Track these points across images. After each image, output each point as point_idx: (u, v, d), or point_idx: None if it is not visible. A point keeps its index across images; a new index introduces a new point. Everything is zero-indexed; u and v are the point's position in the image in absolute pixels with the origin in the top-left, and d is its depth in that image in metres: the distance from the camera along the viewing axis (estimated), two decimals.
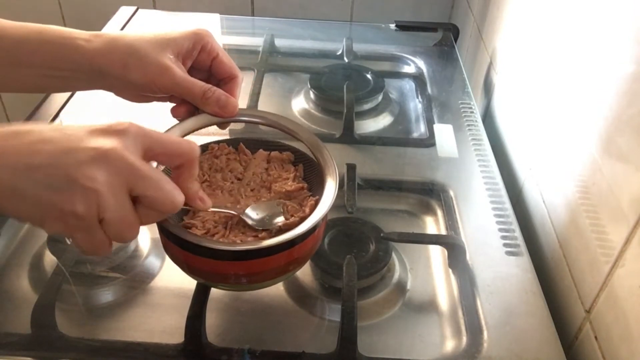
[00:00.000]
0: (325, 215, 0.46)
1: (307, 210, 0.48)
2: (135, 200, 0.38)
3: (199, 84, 0.49)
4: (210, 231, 0.47)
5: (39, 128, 0.37)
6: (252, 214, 0.48)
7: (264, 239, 0.46)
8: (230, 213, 0.48)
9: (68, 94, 0.81)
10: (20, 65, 0.48)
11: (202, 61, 0.51)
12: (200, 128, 0.51)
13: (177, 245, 0.45)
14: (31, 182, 0.35)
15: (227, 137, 0.57)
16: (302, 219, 0.46)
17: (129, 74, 0.48)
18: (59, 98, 0.80)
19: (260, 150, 0.55)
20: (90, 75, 0.49)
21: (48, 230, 0.38)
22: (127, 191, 0.37)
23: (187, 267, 0.47)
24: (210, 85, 0.50)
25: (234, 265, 0.45)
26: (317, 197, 0.48)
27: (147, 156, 0.39)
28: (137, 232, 0.40)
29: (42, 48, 0.48)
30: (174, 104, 0.52)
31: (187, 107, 0.51)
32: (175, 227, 0.44)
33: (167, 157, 0.41)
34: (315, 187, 0.51)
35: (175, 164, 0.41)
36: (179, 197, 0.39)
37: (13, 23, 0.48)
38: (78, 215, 0.36)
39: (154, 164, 0.43)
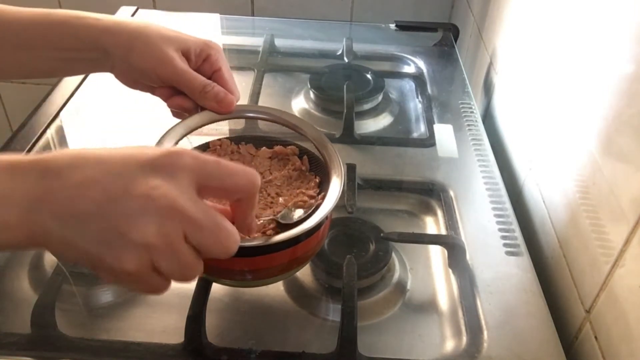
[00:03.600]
0: (331, 212, 0.46)
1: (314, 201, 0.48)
2: None
3: (200, 78, 0.50)
4: None
5: (81, 161, 0.33)
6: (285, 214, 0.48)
7: (270, 236, 0.46)
8: (270, 219, 0.47)
9: (68, 94, 0.81)
10: (27, 48, 0.48)
11: (203, 70, 0.52)
12: (204, 125, 0.51)
13: None
14: (79, 233, 0.32)
15: (228, 135, 0.57)
16: (310, 207, 0.46)
17: (132, 57, 0.48)
18: (58, 99, 0.80)
19: (264, 148, 0.55)
20: (96, 53, 0.49)
21: (103, 279, 0.35)
22: (183, 237, 0.33)
23: None
24: (210, 81, 0.50)
25: (241, 261, 0.45)
26: (323, 192, 0.48)
27: (203, 193, 0.35)
28: (201, 269, 0.36)
29: (52, 29, 0.48)
30: (170, 102, 0.52)
31: (184, 101, 0.51)
32: None
33: (224, 192, 0.37)
34: (320, 183, 0.52)
35: (234, 199, 0.38)
36: (234, 245, 0.35)
37: (21, 8, 0.49)
38: (129, 272, 0.33)
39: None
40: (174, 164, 0.34)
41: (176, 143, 0.49)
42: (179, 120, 0.51)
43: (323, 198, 0.48)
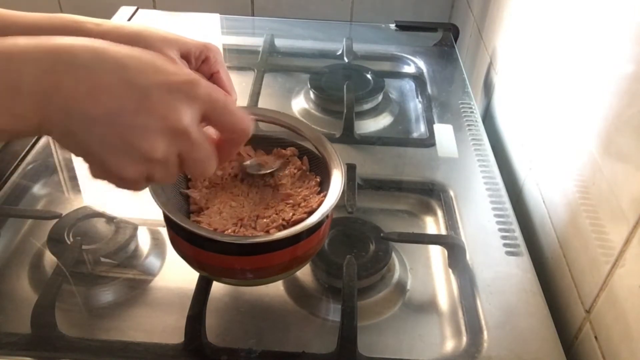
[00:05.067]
0: (332, 211, 0.46)
1: (315, 205, 0.48)
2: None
3: None
4: (218, 230, 0.47)
5: (99, 62, 0.33)
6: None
7: (272, 234, 0.46)
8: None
9: None
10: None
11: (202, 72, 0.52)
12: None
13: (185, 239, 0.46)
14: (86, 132, 0.33)
15: None
16: (310, 214, 0.47)
17: None
18: None
19: (262, 153, 0.55)
20: None
21: (92, 174, 0.36)
22: (173, 151, 0.36)
23: (195, 262, 0.48)
24: (210, 83, 0.50)
25: (242, 260, 0.46)
26: (324, 192, 0.48)
27: (203, 119, 0.37)
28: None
29: (51, 33, 0.48)
30: None
31: None
32: (184, 221, 0.44)
33: (221, 127, 0.39)
34: (321, 182, 0.52)
35: (225, 135, 0.40)
36: (212, 170, 0.39)
37: (21, 12, 0.49)
38: (124, 179, 0.35)
39: None
40: (191, 93, 0.35)
41: None
42: None
43: (324, 196, 0.48)
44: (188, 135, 0.35)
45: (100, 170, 0.35)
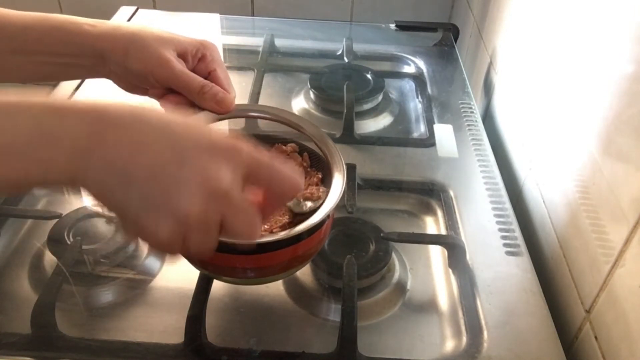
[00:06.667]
0: (333, 211, 0.46)
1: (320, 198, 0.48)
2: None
3: (197, 78, 0.50)
4: None
5: (142, 118, 0.33)
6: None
7: (274, 233, 0.46)
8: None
9: (68, 94, 0.81)
10: (23, 52, 0.48)
11: (199, 71, 0.52)
12: None
13: None
14: (123, 189, 0.32)
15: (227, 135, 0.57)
16: (312, 211, 0.47)
17: (129, 62, 0.48)
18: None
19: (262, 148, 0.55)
20: (92, 60, 0.49)
21: (127, 234, 0.35)
22: (219, 220, 0.35)
23: (197, 260, 0.48)
24: (208, 81, 0.50)
25: (243, 259, 0.46)
26: (326, 189, 0.48)
27: (249, 180, 0.36)
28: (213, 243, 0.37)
29: (48, 34, 0.48)
30: (163, 101, 0.52)
31: (178, 99, 0.51)
32: None
33: (267, 187, 0.38)
34: (323, 179, 0.52)
35: (272, 194, 0.38)
36: (257, 235, 0.37)
37: (17, 12, 0.49)
38: (159, 238, 0.33)
39: None
40: (233, 157, 0.35)
41: None
42: None
43: (326, 194, 0.48)
44: (229, 198, 0.34)
45: (134, 228, 0.34)
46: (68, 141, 0.32)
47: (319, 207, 0.46)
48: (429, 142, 0.76)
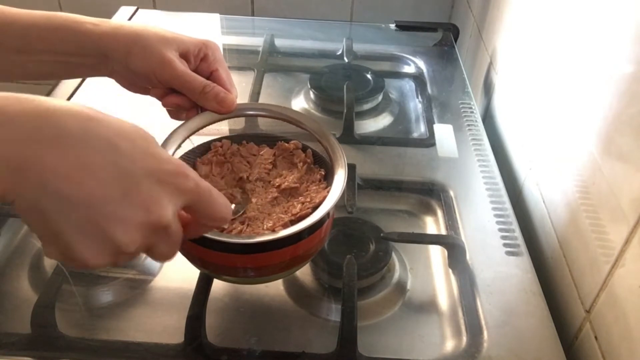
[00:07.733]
0: (333, 210, 0.46)
1: (317, 200, 0.48)
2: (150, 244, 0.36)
3: (199, 78, 0.50)
4: (225, 229, 0.47)
5: (90, 137, 0.31)
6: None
7: (274, 233, 0.46)
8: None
9: (68, 94, 0.81)
10: (26, 51, 0.48)
11: (201, 70, 0.52)
12: (205, 127, 0.51)
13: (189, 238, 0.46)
14: (58, 213, 0.30)
15: (228, 134, 0.57)
16: (315, 209, 0.47)
17: (131, 61, 0.48)
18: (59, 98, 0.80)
19: (266, 147, 0.55)
20: (95, 59, 0.49)
21: (47, 252, 0.33)
22: (147, 244, 0.35)
23: (198, 260, 0.48)
24: (210, 82, 0.50)
25: (243, 258, 0.46)
26: (329, 188, 0.48)
27: (184, 208, 0.36)
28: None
29: (51, 32, 0.48)
30: (165, 101, 0.52)
31: (179, 99, 0.51)
32: None
33: (200, 216, 0.38)
34: (325, 175, 0.52)
35: (199, 222, 0.38)
36: (173, 256, 0.38)
37: (21, 10, 0.49)
38: (89, 264, 0.32)
39: None
40: (179, 186, 0.34)
41: (179, 146, 0.49)
42: (179, 122, 0.51)
43: (327, 192, 0.48)
44: (166, 232, 0.34)
45: (59, 253, 0.32)
46: (1, 154, 0.29)
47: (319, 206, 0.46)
48: (429, 142, 0.76)
